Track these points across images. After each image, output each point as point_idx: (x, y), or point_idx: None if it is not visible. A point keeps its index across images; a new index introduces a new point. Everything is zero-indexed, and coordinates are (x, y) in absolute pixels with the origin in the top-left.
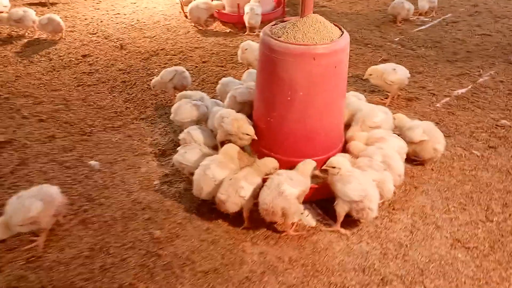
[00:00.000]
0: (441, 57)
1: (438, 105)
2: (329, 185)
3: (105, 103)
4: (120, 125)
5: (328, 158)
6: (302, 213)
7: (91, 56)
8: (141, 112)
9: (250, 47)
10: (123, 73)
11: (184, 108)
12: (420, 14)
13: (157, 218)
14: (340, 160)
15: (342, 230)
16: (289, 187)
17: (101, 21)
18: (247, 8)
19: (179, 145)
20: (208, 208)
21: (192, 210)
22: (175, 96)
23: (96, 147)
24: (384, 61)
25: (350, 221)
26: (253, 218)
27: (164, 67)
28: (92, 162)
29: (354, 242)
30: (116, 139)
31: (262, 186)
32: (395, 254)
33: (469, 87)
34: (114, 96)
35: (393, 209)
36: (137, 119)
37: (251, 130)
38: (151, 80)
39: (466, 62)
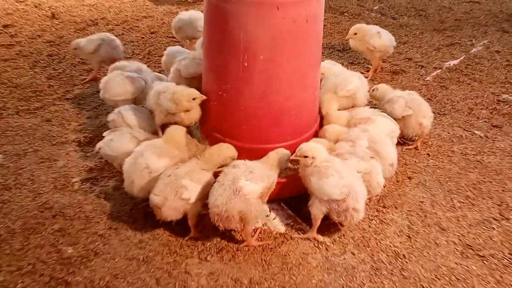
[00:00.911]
0: (427, 26)
1: (428, 78)
2: (301, 179)
3: (23, 80)
4: (38, 107)
5: (300, 142)
6: (267, 216)
7: (14, 26)
8: (67, 91)
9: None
10: (51, 46)
11: (115, 82)
12: None
13: (70, 229)
14: (313, 147)
15: (320, 237)
16: (249, 183)
17: None
18: None
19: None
20: (144, 213)
21: (121, 216)
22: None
23: (2, 136)
24: None
25: (329, 225)
26: (203, 225)
27: None
28: None
29: (335, 253)
30: (29, 124)
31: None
32: (391, 269)
33: (462, 58)
34: (35, 72)
35: (384, 206)
36: (61, 99)
37: (196, 92)
38: None
39: (455, 31)
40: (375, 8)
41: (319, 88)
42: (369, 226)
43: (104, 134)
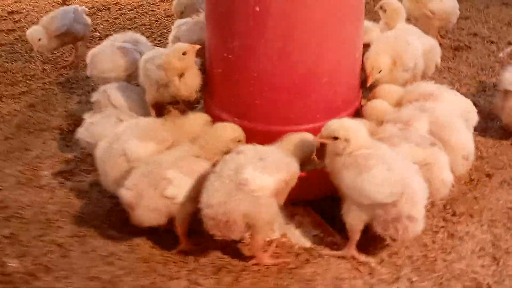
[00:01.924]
0: (493, 1)
1: (501, 54)
2: (329, 175)
3: (16, 65)
4: (24, 92)
5: None
6: (287, 224)
7: (21, 13)
8: (60, 75)
9: None
10: None
11: (103, 55)
12: None
13: (24, 236)
14: (348, 125)
15: (361, 257)
16: (258, 175)
17: None
18: None
19: None
20: (125, 217)
21: (93, 220)
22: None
23: None
24: None
25: (375, 239)
26: (200, 234)
27: (113, 24)
28: None
29: (384, 279)
30: (9, 110)
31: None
32: None
33: None
34: (31, 56)
35: (454, 214)
36: (52, 83)
37: (185, 45)
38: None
39: None
40: None
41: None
42: (433, 242)
43: (85, 116)
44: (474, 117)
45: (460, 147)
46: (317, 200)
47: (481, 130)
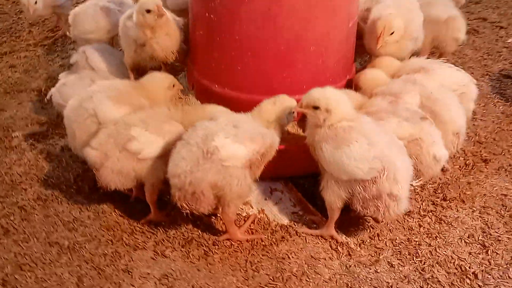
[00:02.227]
0: None
1: (509, 40)
2: (309, 148)
3: (3, 26)
4: (6, 52)
5: None
6: (266, 199)
7: None
8: (47, 37)
9: None
10: None
11: (85, 15)
12: None
13: None
14: (330, 95)
15: (340, 238)
16: (229, 143)
17: None
18: None
19: None
20: (94, 182)
21: (60, 184)
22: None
23: None
24: None
25: (355, 220)
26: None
27: None
28: None
29: (363, 262)
30: None
31: None
32: None
33: None
34: (19, 18)
35: (444, 198)
36: (37, 45)
37: (149, 4)
38: None
39: None
40: None
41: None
42: (420, 226)
43: (59, 76)
44: (472, 90)
45: (452, 123)
46: (299, 176)
47: (481, 115)
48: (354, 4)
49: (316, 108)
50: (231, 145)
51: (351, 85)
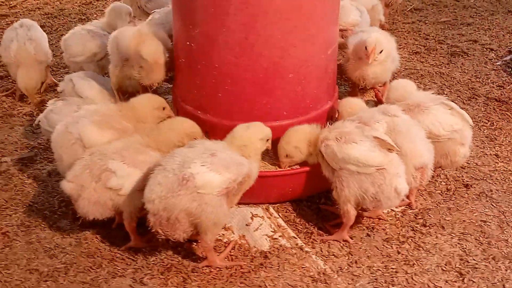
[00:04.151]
0: (499, 8)
1: (498, 63)
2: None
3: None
4: (1, 77)
5: (301, 124)
6: (247, 225)
7: None
8: None
9: None
10: (48, 18)
11: (73, 39)
12: None
13: None
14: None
15: (350, 240)
16: (205, 171)
17: None
18: None
19: None
20: None
21: (44, 210)
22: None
23: None
24: (416, 10)
25: (335, 245)
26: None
27: None
28: None
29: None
30: None
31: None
32: None
33: None
34: None
35: (424, 224)
36: None
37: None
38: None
39: None
40: None
41: (337, 46)
42: (398, 253)
43: (48, 103)
44: (465, 135)
45: (414, 157)
46: (279, 202)
47: None
48: (332, 32)
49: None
50: (207, 173)
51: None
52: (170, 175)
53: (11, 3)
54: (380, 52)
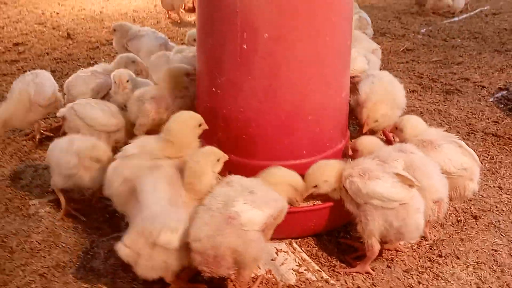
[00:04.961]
0: (485, 48)
1: (491, 99)
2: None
3: None
4: None
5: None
6: (272, 260)
7: (26, 45)
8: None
9: None
10: (57, 62)
11: (76, 80)
12: (453, 13)
13: (6, 264)
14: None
15: (373, 272)
16: (248, 208)
17: (57, 13)
18: None
19: None
20: (109, 248)
21: (78, 251)
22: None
23: None
24: (408, 50)
25: (357, 277)
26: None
27: (114, 58)
28: None
29: None
30: (2, 138)
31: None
32: None
33: None
34: None
35: (440, 255)
36: (51, 113)
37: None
38: None
39: None
40: (422, 30)
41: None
42: (419, 283)
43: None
44: (473, 173)
45: (431, 191)
46: (302, 237)
47: None
48: (345, 77)
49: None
50: (250, 210)
51: (347, 149)
52: (217, 214)
53: (20, 48)
54: (376, 121)
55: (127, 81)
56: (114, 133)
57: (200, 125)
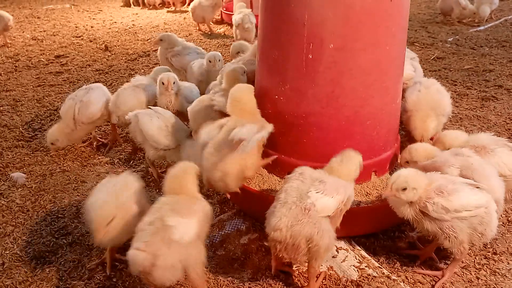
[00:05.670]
0: None
1: None
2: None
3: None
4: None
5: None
6: (333, 257)
7: (67, 57)
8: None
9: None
10: (100, 74)
11: (124, 95)
12: (479, 22)
13: (87, 263)
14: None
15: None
16: (321, 196)
17: (92, 27)
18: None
19: None
20: None
21: None
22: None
23: (31, 155)
24: (439, 58)
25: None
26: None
27: (152, 69)
28: (15, 174)
29: None
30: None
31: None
32: None
33: None
34: None
35: (494, 252)
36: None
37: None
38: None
39: None
40: (449, 39)
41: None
42: (478, 278)
43: None
44: None
45: (490, 192)
46: (359, 236)
47: None
48: (400, 85)
49: (404, 189)
50: (323, 198)
51: (398, 151)
52: (293, 207)
53: (62, 60)
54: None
55: (174, 82)
56: (163, 151)
57: None
